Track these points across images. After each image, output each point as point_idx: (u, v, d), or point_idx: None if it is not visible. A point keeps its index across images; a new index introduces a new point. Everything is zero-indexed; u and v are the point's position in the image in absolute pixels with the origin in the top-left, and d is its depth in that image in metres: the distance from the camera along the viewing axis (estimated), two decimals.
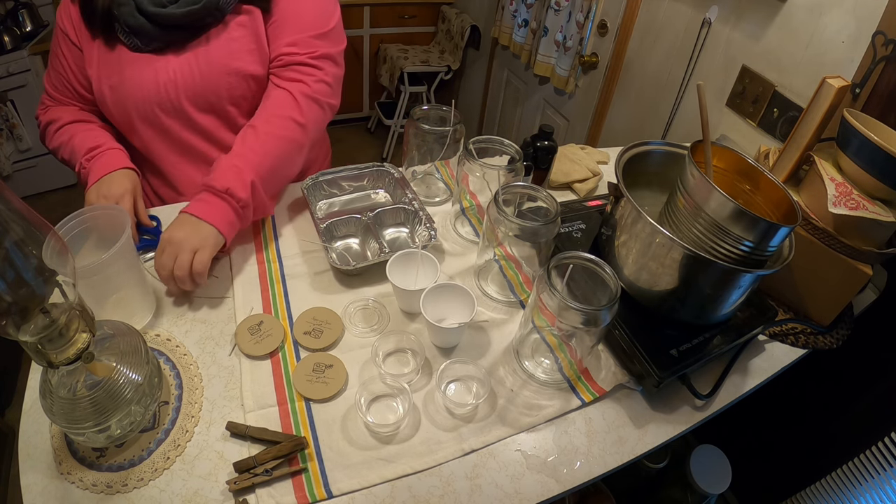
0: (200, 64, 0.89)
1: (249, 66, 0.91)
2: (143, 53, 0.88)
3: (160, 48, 0.88)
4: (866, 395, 1.08)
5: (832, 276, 0.83)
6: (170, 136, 0.94)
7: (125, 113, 0.90)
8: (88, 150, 0.88)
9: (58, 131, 0.92)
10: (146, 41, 0.86)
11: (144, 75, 0.87)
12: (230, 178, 0.81)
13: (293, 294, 0.83)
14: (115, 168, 0.87)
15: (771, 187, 0.75)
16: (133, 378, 0.59)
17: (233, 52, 0.90)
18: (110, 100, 0.89)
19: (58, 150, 0.93)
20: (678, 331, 0.75)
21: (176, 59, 0.88)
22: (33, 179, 2.54)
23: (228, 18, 0.89)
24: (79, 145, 0.89)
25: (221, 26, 0.89)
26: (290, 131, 0.88)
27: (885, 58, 0.94)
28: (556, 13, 1.90)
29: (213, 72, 0.89)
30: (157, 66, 0.88)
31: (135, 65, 0.87)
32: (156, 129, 0.92)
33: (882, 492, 1.02)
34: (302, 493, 0.61)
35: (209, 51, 0.89)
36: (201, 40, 0.89)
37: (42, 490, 0.59)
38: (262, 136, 0.86)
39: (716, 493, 1.11)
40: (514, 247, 0.85)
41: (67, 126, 0.92)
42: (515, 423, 0.70)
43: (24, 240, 0.47)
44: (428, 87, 2.90)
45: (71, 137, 0.91)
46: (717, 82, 1.32)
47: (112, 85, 0.88)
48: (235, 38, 0.90)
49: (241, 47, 0.90)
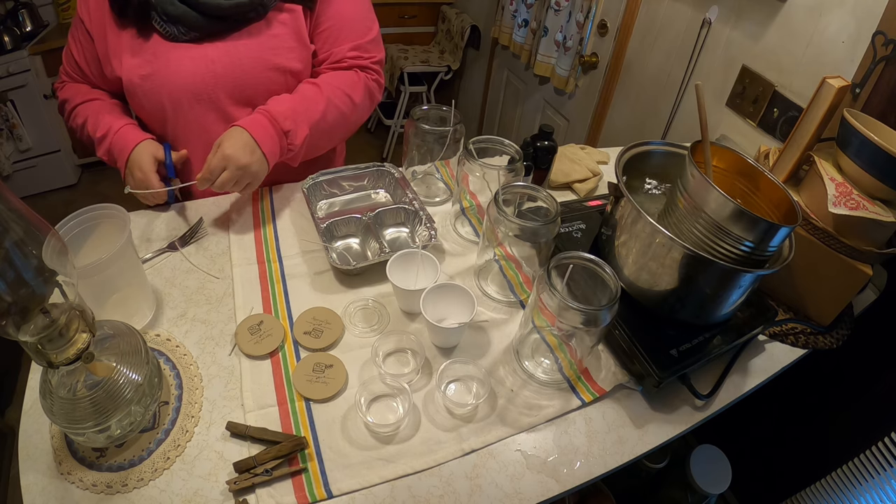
0: (241, 56, 0.90)
1: (291, 63, 0.93)
2: (179, 43, 0.87)
3: (198, 38, 0.88)
4: (866, 395, 1.08)
5: (832, 277, 0.83)
6: (202, 127, 0.94)
7: (157, 103, 0.90)
8: (100, 141, 0.91)
9: (72, 112, 0.95)
10: (185, 30, 0.86)
11: (182, 65, 0.87)
12: (293, 123, 0.88)
13: (293, 294, 0.83)
14: (128, 152, 0.88)
15: (771, 187, 0.75)
16: (133, 378, 0.59)
17: (274, 47, 0.92)
18: (142, 90, 0.89)
19: (76, 131, 0.96)
20: (678, 331, 0.75)
21: (214, 49, 0.89)
22: (33, 179, 2.54)
23: (271, 15, 0.91)
24: (91, 133, 0.92)
25: (263, 22, 0.91)
26: (346, 107, 0.96)
27: (885, 58, 0.94)
28: (556, 13, 1.89)
29: (254, 65, 0.91)
30: (195, 55, 0.88)
31: (171, 54, 0.87)
32: (188, 120, 0.92)
33: (882, 492, 1.02)
34: (302, 493, 0.61)
35: (250, 45, 0.90)
36: (242, 33, 0.90)
37: (42, 490, 0.59)
38: (325, 99, 0.92)
39: (716, 493, 1.11)
40: (514, 247, 0.85)
41: (80, 107, 0.94)
42: (515, 423, 0.70)
43: (24, 240, 0.47)
44: (428, 87, 2.90)
45: (84, 122, 0.93)
46: (717, 82, 1.32)
47: (144, 74, 0.87)
48: (277, 34, 0.92)
49: (281, 44, 0.92)
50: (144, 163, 0.87)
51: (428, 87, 2.90)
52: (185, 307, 0.80)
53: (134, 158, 0.87)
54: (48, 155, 2.53)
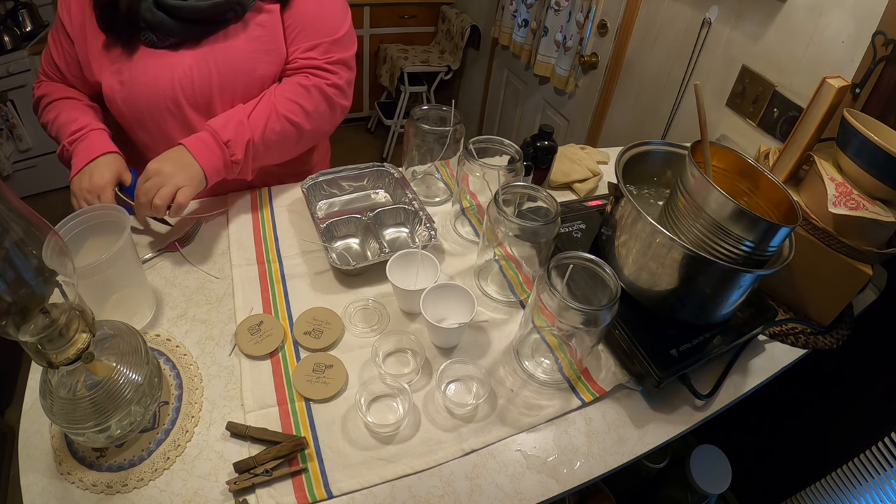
0: (218, 62, 0.88)
1: (267, 68, 0.92)
2: (157, 49, 0.87)
3: (175, 44, 0.87)
4: (866, 395, 1.08)
5: (832, 277, 0.83)
6: (179, 132, 0.92)
7: (135, 109, 0.89)
8: (72, 133, 0.87)
9: (47, 107, 0.92)
10: (163, 37, 0.86)
11: (160, 71, 0.87)
12: (234, 132, 0.85)
13: (293, 294, 0.83)
14: (98, 154, 0.86)
15: (771, 187, 0.75)
16: (133, 378, 0.59)
17: (252, 52, 0.90)
18: (120, 95, 0.88)
19: (46, 126, 0.93)
20: (678, 331, 0.75)
21: (192, 55, 0.87)
22: (33, 179, 2.54)
23: (248, 17, 0.89)
24: (63, 125, 0.89)
25: (241, 24, 0.89)
26: (295, 115, 0.91)
27: (885, 58, 0.94)
28: (556, 13, 1.90)
29: (230, 70, 0.89)
30: (173, 61, 0.87)
31: (149, 61, 0.86)
32: (166, 125, 0.92)
33: (882, 492, 1.02)
34: (302, 493, 0.61)
35: (228, 49, 0.88)
36: (218, 37, 0.88)
37: (42, 490, 0.59)
38: (269, 110, 0.89)
39: (716, 493, 1.11)
40: (514, 247, 0.85)
41: (56, 102, 0.92)
42: (515, 423, 0.70)
43: (24, 240, 0.47)
44: (428, 87, 2.90)
45: (57, 115, 0.90)
46: (717, 82, 1.32)
47: (123, 80, 0.87)
48: (254, 37, 0.90)
49: (259, 47, 0.90)
50: (107, 173, 0.84)
51: (428, 87, 2.90)
52: (185, 307, 0.80)
53: (99, 164, 0.85)
54: (48, 155, 2.52)
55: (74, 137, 0.88)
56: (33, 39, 2.34)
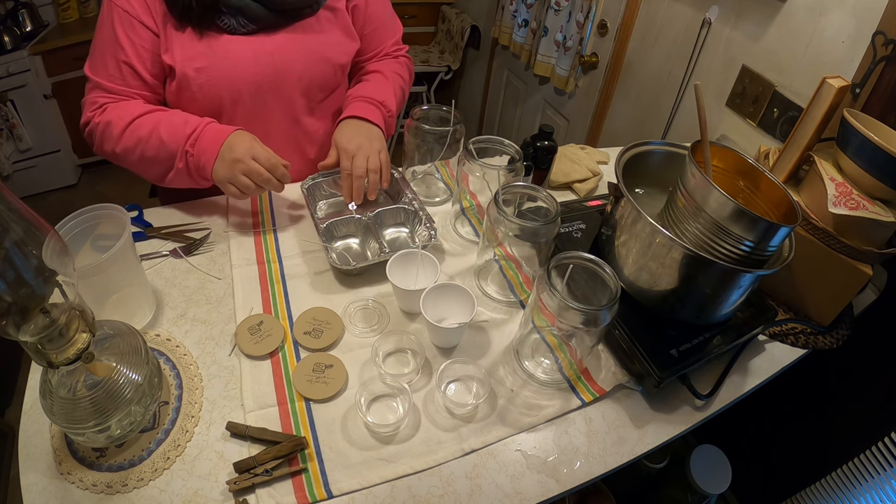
0: (299, 49, 0.94)
1: (339, 57, 1.01)
2: (235, 35, 0.88)
3: (254, 31, 0.89)
4: (866, 395, 1.08)
5: (832, 276, 0.83)
6: (258, 118, 0.95)
7: (214, 95, 0.90)
8: (188, 137, 0.83)
9: (128, 128, 0.84)
10: (245, 22, 0.87)
11: (241, 57, 0.88)
12: (383, 94, 1.01)
13: (293, 294, 0.83)
14: (228, 133, 0.84)
15: (771, 187, 0.75)
16: (133, 378, 0.59)
17: (327, 42, 0.99)
18: (196, 82, 0.87)
19: (132, 149, 0.85)
20: (678, 331, 0.75)
21: (271, 42, 0.91)
22: (33, 179, 2.54)
23: (321, 13, 0.97)
24: (170, 135, 0.83)
25: (314, 19, 0.96)
26: (404, 83, 1.14)
27: (885, 58, 0.94)
28: (556, 13, 1.89)
29: (310, 58, 0.95)
30: (255, 47, 0.89)
31: (229, 47, 0.88)
32: (246, 110, 0.94)
33: (882, 492, 1.02)
34: (302, 493, 0.61)
35: (305, 39, 0.95)
36: (295, 27, 0.94)
37: (42, 490, 0.59)
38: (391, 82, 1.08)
39: (716, 493, 1.11)
40: (514, 247, 0.85)
41: (140, 120, 0.85)
42: (515, 423, 0.70)
43: (24, 240, 0.47)
44: (428, 87, 2.90)
45: (153, 129, 0.84)
46: (717, 82, 1.32)
47: (199, 67, 0.86)
48: (327, 29, 0.99)
49: (332, 39, 1.00)
50: (257, 141, 0.85)
51: (428, 87, 2.89)
52: (185, 307, 0.80)
53: (239, 139, 0.84)
54: (48, 155, 2.53)
55: (195, 139, 0.84)
56: (33, 39, 2.34)
